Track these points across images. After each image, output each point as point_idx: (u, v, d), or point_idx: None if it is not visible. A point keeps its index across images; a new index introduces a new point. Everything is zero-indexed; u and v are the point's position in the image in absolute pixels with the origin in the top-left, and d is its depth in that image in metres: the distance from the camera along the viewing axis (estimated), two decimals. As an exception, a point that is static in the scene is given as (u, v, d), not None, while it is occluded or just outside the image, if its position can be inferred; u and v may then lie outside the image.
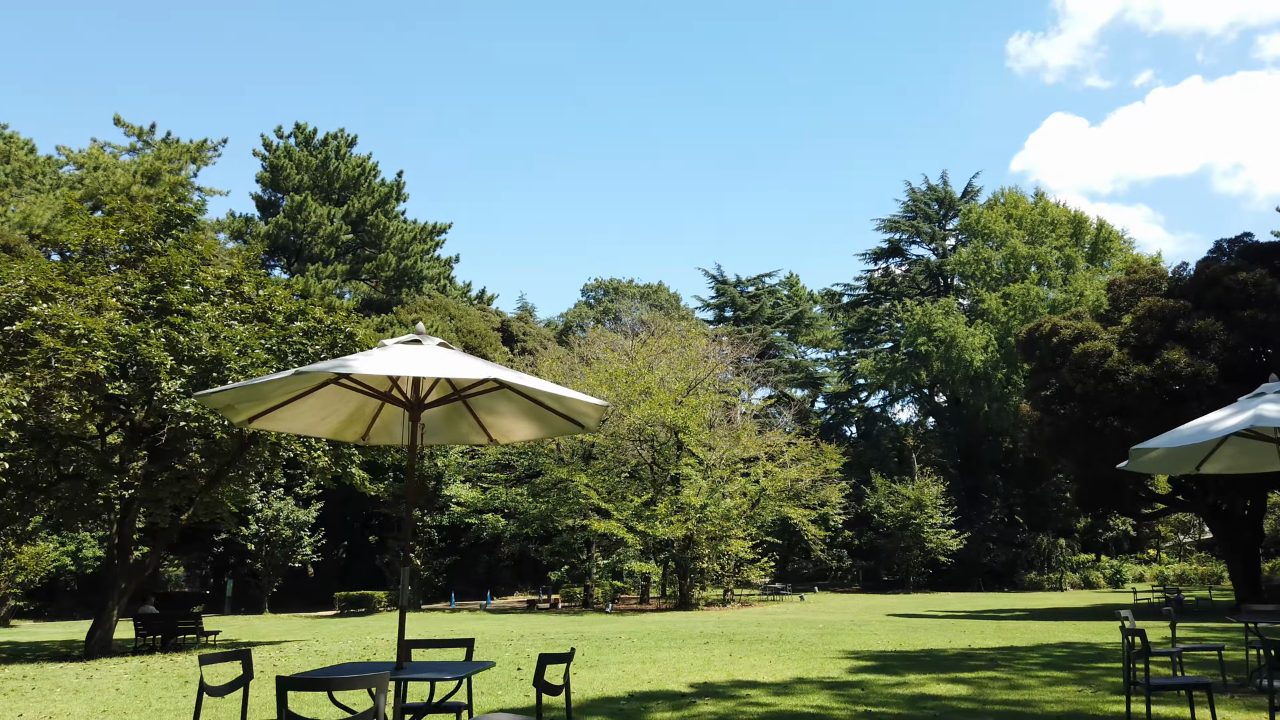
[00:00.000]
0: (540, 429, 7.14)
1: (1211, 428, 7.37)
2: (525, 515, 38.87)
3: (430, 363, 5.48)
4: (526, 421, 7.05)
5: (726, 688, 10.97)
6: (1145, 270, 32.28)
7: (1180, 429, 7.86)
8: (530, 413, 6.90)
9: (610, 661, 14.14)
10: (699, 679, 11.78)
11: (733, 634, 20.34)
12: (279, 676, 4.60)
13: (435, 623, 29.48)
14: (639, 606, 39.34)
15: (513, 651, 16.30)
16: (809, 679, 11.78)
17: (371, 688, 4.66)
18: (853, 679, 11.76)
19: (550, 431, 7.14)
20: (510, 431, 7.23)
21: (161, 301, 18.74)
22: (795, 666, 13.19)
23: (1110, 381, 28.26)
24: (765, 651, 15.59)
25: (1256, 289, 27.47)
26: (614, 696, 10.38)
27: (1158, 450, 8.52)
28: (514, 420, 7.06)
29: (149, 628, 21.14)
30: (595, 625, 25.84)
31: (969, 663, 13.58)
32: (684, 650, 16.04)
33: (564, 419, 6.80)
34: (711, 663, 13.79)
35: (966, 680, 11.48)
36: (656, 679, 11.81)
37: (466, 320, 50.59)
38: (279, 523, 38.26)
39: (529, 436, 7.48)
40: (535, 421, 7.02)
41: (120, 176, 43.62)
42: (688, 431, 38.58)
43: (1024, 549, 57.34)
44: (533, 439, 7.37)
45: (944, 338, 57.54)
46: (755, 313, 72.87)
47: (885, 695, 10.27)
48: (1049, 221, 60.67)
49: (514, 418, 7.03)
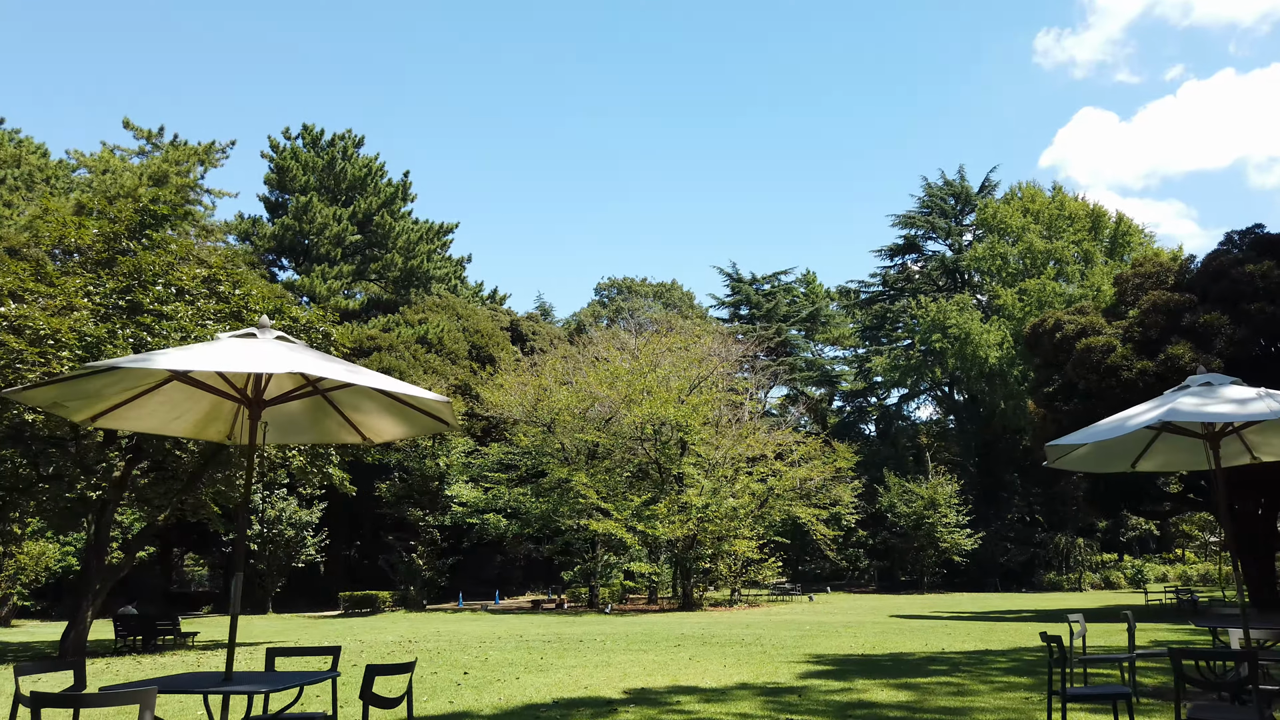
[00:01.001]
0: (408, 427, 6.83)
1: (1127, 422, 6.92)
2: (528, 515, 38.65)
3: (246, 358, 5.18)
4: (393, 419, 6.75)
5: (661, 694, 10.62)
6: (1151, 263, 31.47)
7: (1098, 424, 7.41)
8: (394, 410, 6.59)
9: (561, 666, 13.82)
10: (639, 685, 11.43)
11: (713, 636, 19.96)
12: (33, 692, 4.30)
13: (417, 623, 29.32)
14: (642, 607, 39.01)
15: (471, 655, 16.02)
16: (753, 684, 11.40)
17: (141, 703, 4.36)
18: (797, 684, 11.36)
19: (418, 429, 6.83)
20: (380, 430, 6.92)
21: (131, 301, 18.64)
22: (749, 671, 12.81)
23: (1113, 377, 27.57)
24: (730, 655, 15.21)
25: (1265, 281, 26.66)
26: (539, 704, 10.06)
27: (1083, 447, 8.07)
28: (380, 418, 6.76)
29: (129, 629, 21.11)
30: (582, 627, 25.54)
31: (930, 667, 13.13)
32: (648, 653, 15.69)
33: (428, 416, 6.50)
34: (666, 667, 13.44)
35: (915, 686, 11.05)
36: (595, 685, 11.48)
37: (474, 320, 50.47)
38: (281, 523, 38.28)
39: (398, 435, 7.16)
40: (401, 419, 6.71)
41: (127, 179, 43.87)
42: (690, 430, 38.19)
43: (1042, 549, 56.41)
44: (403, 437, 7.04)
45: (958, 334, 56.68)
46: (770, 310, 72.27)
47: (819, 702, 9.88)
48: (1066, 216, 59.60)
49: (380, 415, 6.72)
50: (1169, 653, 6.39)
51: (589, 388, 38.27)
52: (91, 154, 49.95)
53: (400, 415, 6.63)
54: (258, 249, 48.79)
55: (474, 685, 11.67)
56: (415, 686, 11.89)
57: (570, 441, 39.37)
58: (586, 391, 38.48)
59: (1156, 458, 8.41)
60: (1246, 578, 32.34)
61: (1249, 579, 31.72)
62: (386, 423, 6.82)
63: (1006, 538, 56.43)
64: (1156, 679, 11.20)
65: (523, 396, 39.80)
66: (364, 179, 50.76)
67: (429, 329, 46.81)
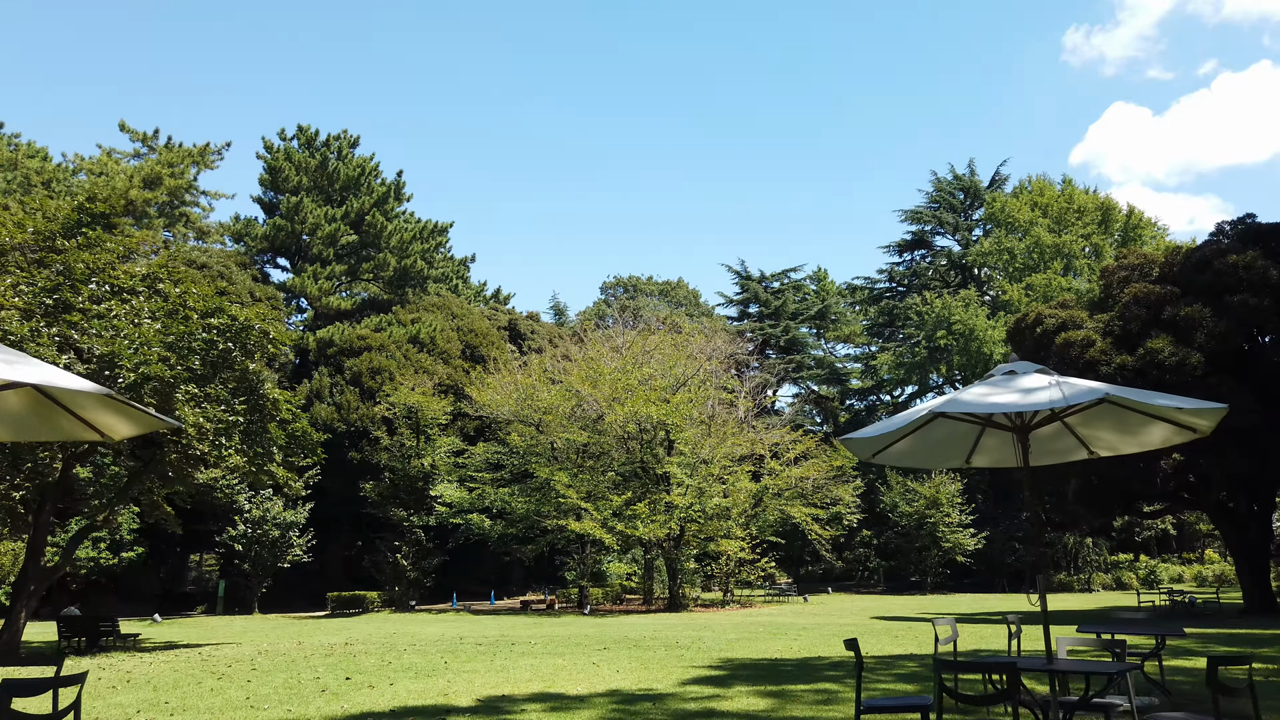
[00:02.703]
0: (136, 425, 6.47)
1: (909, 415, 6.41)
2: (513, 515, 38.36)
3: None
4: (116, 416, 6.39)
5: (513, 702, 10.19)
6: (1136, 255, 30.56)
7: (894, 418, 6.89)
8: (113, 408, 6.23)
9: (455, 671, 13.43)
10: (503, 692, 11.01)
11: (654, 639, 19.47)
12: None
13: (388, 624, 29.08)
14: (635, 608, 38.49)
15: (387, 658, 15.67)
16: (623, 691, 10.94)
17: None
18: (670, 692, 10.88)
19: (144, 426, 6.46)
20: (113, 428, 6.56)
21: (59, 300, 18.51)
22: (636, 677, 12.34)
23: (1092, 373, 26.70)
24: (641, 659, 14.74)
25: (1248, 272, 25.73)
26: (375, 712, 9.67)
27: (900, 442, 7.54)
28: (106, 415, 6.40)
29: (72, 630, 20.99)
30: (545, 629, 25.14)
31: (826, 673, 12.58)
32: (562, 658, 15.25)
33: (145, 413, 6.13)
34: (559, 672, 13.00)
35: (786, 694, 10.53)
36: (457, 692, 11.06)
37: (468, 320, 50.27)
38: (267, 523, 38.24)
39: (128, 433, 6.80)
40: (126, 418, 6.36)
41: (119, 181, 44.12)
42: (675, 429, 37.67)
43: (1051, 548, 55.22)
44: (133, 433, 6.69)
45: (963, 330, 55.73)
46: (779, 308, 71.55)
47: (668, 712, 9.41)
48: (1075, 209, 58.41)
49: (103, 412, 6.36)
50: (935, 663, 5.88)
51: (573, 386, 37.90)
52: (91, 157, 50.36)
53: (123, 413, 6.27)
54: (251, 250, 48.89)
55: (336, 692, 11.31)
56: (286, 691, 11.59)
57: (560, 441, 38.99)
58: (571, 390, 38.12)
59: (989, 453, 7.85)
60: (1240, 579, 31.32)
61: (1243, 580, 30.71)
62: (118, 421, 6.46)
63: (1015, 537, 55.32)
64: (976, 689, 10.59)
65: (508, 396, 39.51)
66: (357, 179, 50.71)
67: (421, 328, 46.66)
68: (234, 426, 19.60)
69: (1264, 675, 11.98)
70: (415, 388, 40.23)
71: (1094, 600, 40.32)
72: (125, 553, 38.83)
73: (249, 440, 20.35)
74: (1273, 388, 25.55)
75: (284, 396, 21.49)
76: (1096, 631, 9.96)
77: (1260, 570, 29.83)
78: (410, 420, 40.77)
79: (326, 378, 44.56)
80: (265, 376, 20.90)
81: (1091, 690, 6.86)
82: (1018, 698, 5.51)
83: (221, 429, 19.28)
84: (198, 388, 19.13)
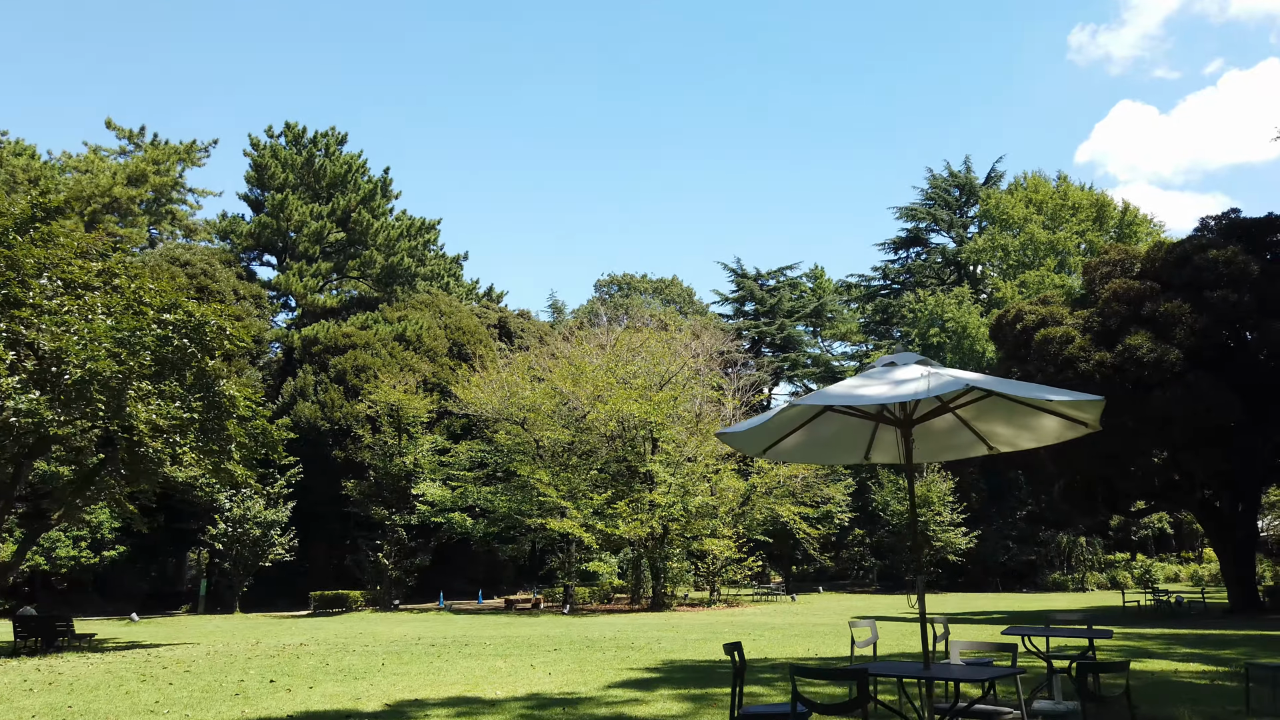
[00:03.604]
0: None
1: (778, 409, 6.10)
2: (495, 514, 38.10)
3: None
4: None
5: (426, 707, 9.89)
6: (1117, 250, 30.12)
7: (765, 414, 6.58)
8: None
9: (384, 673, 13.15)
10: (418, 696, 10.72)
11: (611, 640, 19.17)
12: None
13: (362, 624, 28.83)
14: (611, 608, 38.18)
15: (327, 659, 15.39)
16: (543, 695, 10.64)
17: None
18: (591, 695, 10.58)
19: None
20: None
21: (8, 295, 18.26)
22: (564, 680, 12.04)
23: (1071, 369, 26.36)
24: (580, 661, 14.43)
25: (1228, 267, 25.31)
26: (277, 718, 9.38)
27: (790, 436, 7.22)
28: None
29: (27, 630, 20.76)
30: (514, 629, 24.84)
31: (762, 675, 12.26)
32: (505, 659, 14.96)
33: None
34: (490, 675, 12.71)
35: (708, 698, 10.21)
36: (369, 697, 10.77)
37: (456, 317, 49.99)
38: (248, 522, 37.99)
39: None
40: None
41: (103, 179, 43.95)
42: (658, 427, 37.35)
43: (1045, 547, 54.77)
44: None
45: (955, 328, 55.29)
46: (774, 306, 71.10)
47: (579, 716, 9.11)
48: (1070, 205, 57.91)
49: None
50: (790, 669, 5.58)
51: (555, 384, 37.61)
52: (78, 155, 50.22)
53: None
54: (237, 247, 48.66)
55: (249, 696, 11.03)
56: (201, 694, 11.31)
57: (545, 440, 38.68)
58: (554, 388, 37.83)
59: (887, 449, 7.52)
60: (1225, 577, 30.89)
61: (1228, 579, 30.29)
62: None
63: (1009, 536, 54.85)
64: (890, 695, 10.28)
65: (493, 394, 39.21)
66: (344, 176, 50.44)
67: (408, 326, 46.39)
68: (189, 424, 19.34)
69: (1210, 679, 11.65)
70: (398, 386, 39.96)
71: (1083, 600, 39.90)
72: (106, 551, 38.66)
73: (205, 438, 20.08)
74: (1254, 385, 25.15)
75: (243, 393, 21.22)
76: (1024, 634, 9.62)
77: (1245, 569, 29.42)
78: (393, 418, 40.51)
79: (311, 375, 44.33)
80: (224, 373, 20.64)
81: (984, 695, 6.55)
82: (866, 705, 5.20)
83: (176, 425, 19.02)
84: (151, 385, 18.88)
